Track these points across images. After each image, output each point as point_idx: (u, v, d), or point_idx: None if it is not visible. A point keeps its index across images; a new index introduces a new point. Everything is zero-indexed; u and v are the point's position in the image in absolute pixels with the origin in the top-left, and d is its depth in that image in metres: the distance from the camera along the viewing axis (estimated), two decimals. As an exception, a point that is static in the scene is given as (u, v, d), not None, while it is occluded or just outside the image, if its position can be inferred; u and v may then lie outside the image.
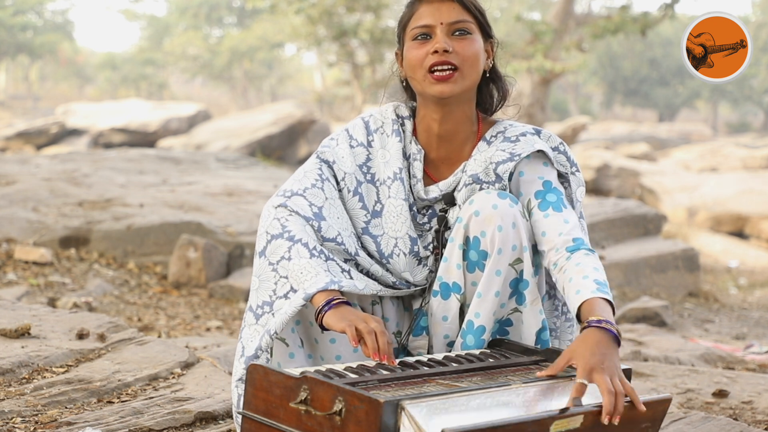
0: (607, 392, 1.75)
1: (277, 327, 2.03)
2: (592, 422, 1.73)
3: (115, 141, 21.24)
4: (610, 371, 1.80)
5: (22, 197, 7.05)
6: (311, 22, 17.41)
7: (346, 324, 1.95)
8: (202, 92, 46.13)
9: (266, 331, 2.05)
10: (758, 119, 42.40)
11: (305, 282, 2.04)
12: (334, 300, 2.00)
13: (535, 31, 13.67)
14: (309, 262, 2.06)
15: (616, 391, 1.76)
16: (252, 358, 2.05)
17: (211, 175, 9.25)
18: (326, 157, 2.24)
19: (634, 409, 1.78)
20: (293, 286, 2.08)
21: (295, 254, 2.07)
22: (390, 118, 2.28)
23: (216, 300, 5.54)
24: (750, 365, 4.12)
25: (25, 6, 37.81)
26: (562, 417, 1.70)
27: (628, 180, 16.67)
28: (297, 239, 2.09)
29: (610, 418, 1.73)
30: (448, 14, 2.16)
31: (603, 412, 1.73)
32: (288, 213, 2.13)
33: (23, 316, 3.26)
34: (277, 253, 2.10)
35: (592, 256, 2.08)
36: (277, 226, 2.12)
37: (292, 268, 2.07)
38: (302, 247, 2.08)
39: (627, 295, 7.01)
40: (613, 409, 1.74)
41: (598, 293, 1.95)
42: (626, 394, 1.78)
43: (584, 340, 1.87)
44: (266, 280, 2.12)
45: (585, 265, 2.03)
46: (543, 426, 1.68)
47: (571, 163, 2.24)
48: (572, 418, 1.71)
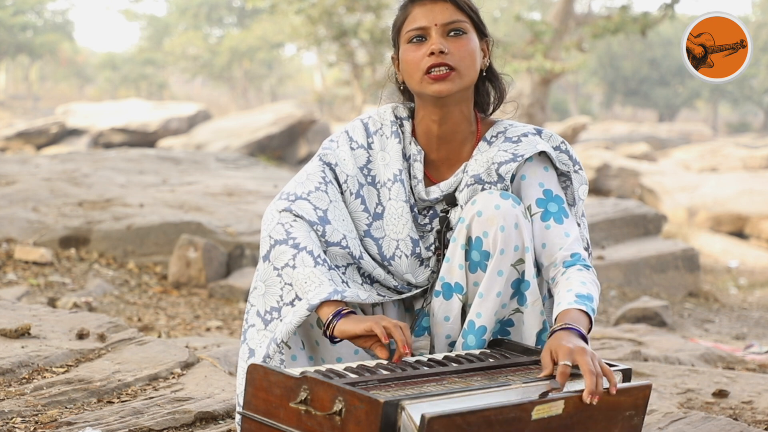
0: (589, 372, 1.79)
1: (283, 336, 2.05)
2: (574, 408, 1.76)
3: (115, 141, 21.25)
4: (590, 354, 1.84)
5: (22, 197, 7.05)
6: (311, 22, 17.42)
7: (372, 323, 1.98)
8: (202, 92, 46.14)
9: (272, 339, 2.07)
10: (758, 119, 42.42)
11: (309, 292, 2.05)
12: (343, 311, 2.03)
13: (535, 31, 13.68)
14: (313, 272, 2.07)
15: (597, 372, 1.79)
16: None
17: (211, 175, 9.25)
18: (329, 159, 2.24)
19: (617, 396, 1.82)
20: (298, 294, 2.09)
21: (300, 262, 2.08)
22: (389, 120, 2.28)
23: (216, 300, 5.54)
24: (750, 365, 4.12)
25: (25, 6, 37.81)
26: (544, 402, 1.72)
27: (628, 180, 16.68)
28: (302, 247, 2.09)
29: (591, 398, 1.76)
30: (441, 15, 2.16)
31: (585, 391, 1.76)
32: (293, 218, 2.13)
33: (23, 316, 3.26)
34: (281, 259, 2.11)
35: (585, 271, 2.10)
36: (281, 232, 2.12)
37: (296, 276, 2.08)
38: (307, 255, 2.08)
39: (627, 295, 7.01)
40: (595, 389, 1.77)
41: (574, 304, 2.00)
42: (605, 374, 1.82)
43: (555, 338, 1.92)
44: (272, 285, 2.12)
45: (573, 279, 2.07)
46: (524, 411, 1.70)
47: (573, 161, 2.25)
48: (554, 403, 1.73)
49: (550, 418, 1.73)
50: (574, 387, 1.81)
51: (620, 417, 1.85)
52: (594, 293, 2.06)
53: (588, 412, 1.78)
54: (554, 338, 1.92)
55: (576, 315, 1.98)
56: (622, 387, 1.84)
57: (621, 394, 1.84)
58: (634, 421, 1.88)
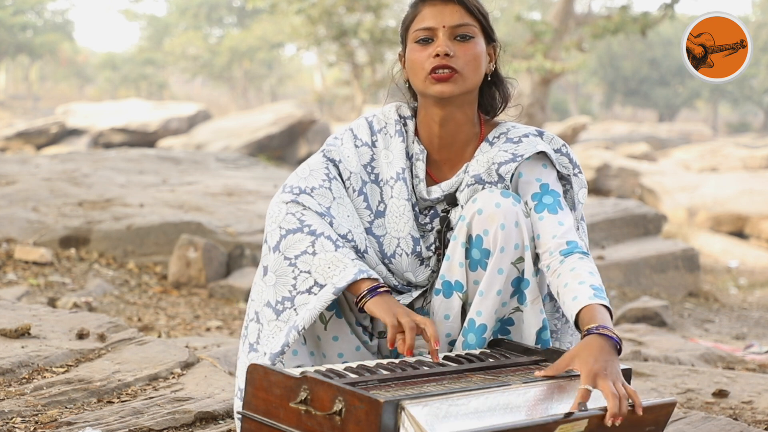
0: (612, 396, 1.77)
1: (306, 322, 2.04)
2: (595, 426, 1.75)
3: (115, 141, 21.24)
4: (613, 377, 1.82)
5: (22, 197, 7.05)
6: (311, 22, 17.41)
7: (390, 314, 2.00)
8: (202, 92, 46.14)
9: (293, 326, 2.05)
10: (758, 119, 42.41)
11: (334, 276, 2.05)
12: (379, 287, 2.04)
13: (535, 31, 13.68)
14: (335, 255, 2.06)
15: (620, 395, 1.78)
16: (278, 354, 2.04)
17: (211, 175, 9.25)
18: (333, 156, 2.24)
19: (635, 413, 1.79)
20: (318, 281, 2.07)
21: (320, 248, 2.07)
22: (393, 119, 2.29)
23: (216, 300, 5.55)
24: (750, 365, 4.12)
25: (25, 6, 37.81)
26: (567, 421, 1.71)
27: (628, 180, 16.68)
28: (319, 233, 2.09)
29: (614, 421, 1.75)
30: (450, 17, 2.16)
31: (608, 414, 1.75)
32: (302, 208, 2.13)
33: (23, 316, 3.26)
34: (295, 247, 2.09)
35: (587, 259, 2.09)
36: (293, 221, 2.11)
37: (316, 262, 2.07)
38: (326, 240, 2.08)
39: (627, 295, 7.01)
40: (618, 412, 1.75)
41: (595, 299, 1.97)
42: (629, 397, 1.80)
43: (586, 346, 1.88)
44: (283, 275, 2.10)
45: (580, 269, 2.05)
46: (547, 430, 1.69)
47: (573, 164, 2.25)
48: (577, 422, 1.72)
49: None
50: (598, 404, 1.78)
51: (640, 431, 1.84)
52: (602, 284, 2.05)
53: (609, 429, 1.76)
54: (585, 346, 1.87)
55: (601, 313, 1.94)
56: (647, 405, 1.82)
57: (645, 413, 1.82)
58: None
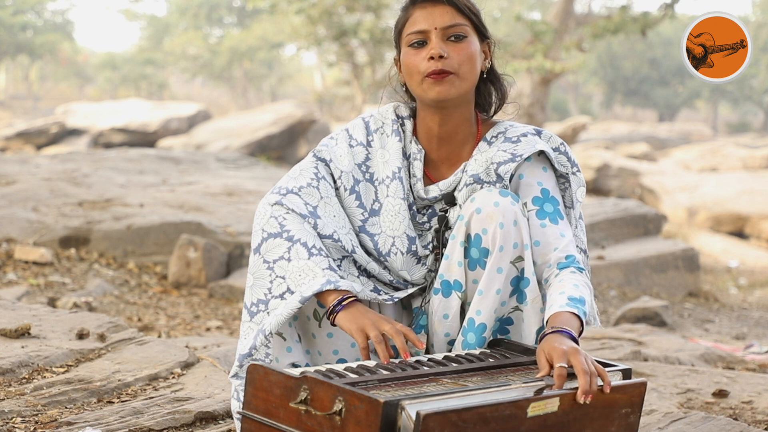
0: (583, 372, 1.80)
1: (272, 327, 2.06)
2: (569, 405, 1.77)
3: (115, 141, 21.24)
4: (584, 354, 1.85)
5: (22, 197, 7.05)
6: (311, 22, 17.40)
7: (357, 330, 2.00)
8: (202, 92, 46.13)
9: (261, 330, 2.08)
10: (758, 119, 42.40)
11: (302, 285, 2.06)
12: (346, 299, 2.04)
13: (535, 31, 13.67)
14: (307, 264, 2.08)
15: (591, 372, 1.80)
16: (246, 356, 2.09)
17: (211, 175, 9.25)
18: (323, 155, 2.25)
19: (612, 394, 1.83)
20: (290, 287, 2.09)
21: (295, 255, 2.09)
22: (390, 119, 2.29)
23: (216, 300, 5.55)
24: (750, 365, 4.12)
25: (25, 6, 37.78)
26: (539, 399, 1.74)
27: (628, 180, 16.67)
28: (296, 239, 2.10)
29: (585, 398, 1.77)
30: (441, 18, 2.16)
31: (579, 391, 1.78)
32: (285, 211, 2.14)
33: (23, 316, 3.26)
34: (274, 252, 2.11)
35: (578, 273, 2.11)
36: (275, 225, 2.13)
37: (291, 269, 2.09)
38: (301, 247, 2.09)
39: (627, 295, 7.01)
40: (589, 389, 1.78)
41: (566, 307, 2.00)
42: (599, 374, 1.83)
43: (546, 341, 1.92)
44: (261, 278, 2.13)
45: (566, 281, 2.07)
46: (520, 408, 1.71)
47: (572, 163, 2.26)
48: (549, 400, 1.75)
49: (546, 416, 1.74)
50: (570, 385, 1.82)
51: (616, 414, 1.86)
52: (586, 296, 2.06)
53: (584, 410, 1.79)
54: (546, 341, 1.92)
55: (567, 318, 1.98)
56: (616, 384, 1.85)
57: (616, 392, 1.85)
58: (631, 418, 1.89)
